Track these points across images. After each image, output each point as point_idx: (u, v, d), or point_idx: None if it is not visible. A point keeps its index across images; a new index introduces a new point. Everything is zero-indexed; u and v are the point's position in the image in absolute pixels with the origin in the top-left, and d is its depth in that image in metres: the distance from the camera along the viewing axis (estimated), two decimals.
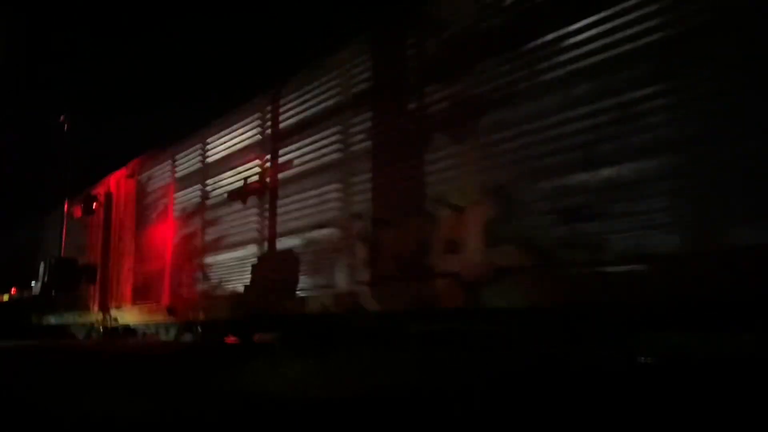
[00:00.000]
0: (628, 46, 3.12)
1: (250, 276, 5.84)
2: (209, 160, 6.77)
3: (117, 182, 9.08)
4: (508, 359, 3.57)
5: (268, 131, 5.83)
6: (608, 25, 3.22)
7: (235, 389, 3.32)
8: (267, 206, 5.76)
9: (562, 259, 3.27)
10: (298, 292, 5.13)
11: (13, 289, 11.92)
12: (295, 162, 5.45)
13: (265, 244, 5.67)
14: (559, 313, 3.46)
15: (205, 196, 6.75)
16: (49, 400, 3.22)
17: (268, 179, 5.76)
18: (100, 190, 9.40)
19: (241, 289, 5.96)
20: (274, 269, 5.53)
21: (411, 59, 4.44)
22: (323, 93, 5.17)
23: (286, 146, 5.56)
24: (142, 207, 8.20)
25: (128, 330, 8.61)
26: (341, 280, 4.71)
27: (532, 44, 3.57)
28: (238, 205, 6.16)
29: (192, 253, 6.83)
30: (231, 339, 6.77)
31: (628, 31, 3.12)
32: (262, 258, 5.72)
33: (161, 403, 2.97)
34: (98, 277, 9.06)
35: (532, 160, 3.49)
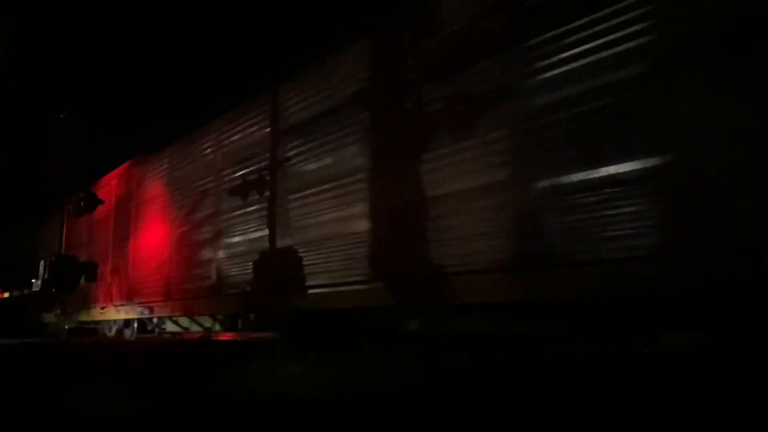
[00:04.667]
0: None
1: (253, 271, 5.85)
2: (210, 157, 6.80)
3: (101, 187, 9.18)
4: (508, 359, 3.57)
5: (266, 130, 5.88)
6: None
7: (235, 389, 3.32)
8: (263, 206, 5.78)
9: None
10: (295, 289, 5.13)
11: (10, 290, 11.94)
12: (285, 162, 5.50)
13: (268, 240, 5.69)
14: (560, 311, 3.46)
15: (209, 191, 6.78)
16: (45, 399, 3.23)
17: (264, 178, 5.80)
18: (101, 187, 9.43)
19: (244, 284, 5.97)
20: (276, 265, 5.54)
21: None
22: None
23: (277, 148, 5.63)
24: (124, 210, 8.31)
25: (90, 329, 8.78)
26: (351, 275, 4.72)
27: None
28: (232, 204, 6.18)
29: (198, 247, 6.85)
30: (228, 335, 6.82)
31: None
32: (264, 254, 5.73)
33: (160, 402, 2.98)
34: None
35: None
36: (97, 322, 8.54)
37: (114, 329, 8.06)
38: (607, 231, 3.08)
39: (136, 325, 7.51)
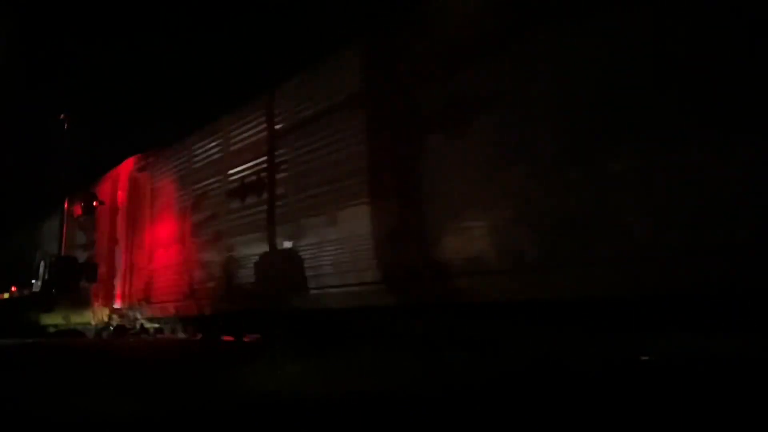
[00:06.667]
0: None
1: (254, 272, 5.84)
2: (212, 157, 6.77)
3: (122, 177, 8.88)
4: (508, 359, 3.57)
5: (265, 131, 5.87)
6: None
7: (235, 389, 3.32)
8: (267, 204, 5.77)
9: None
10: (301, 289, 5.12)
11: (13, 288, 11.91)
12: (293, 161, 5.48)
13: (269, 240, 5.68)
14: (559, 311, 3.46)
15: (211, 191, 6.74)
16: (47, 400, 3.22)
17: (266, 177, 5.80)
18: (104, 186, 9.30)
19: (246, 284, 5.96)
20: (278, 266, 5.54)
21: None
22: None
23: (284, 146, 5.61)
24: (149, 202, 8.07)
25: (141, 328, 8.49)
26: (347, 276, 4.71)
27: None
28: (239, 202, 6.17)
29: (202, 248, 6.81)
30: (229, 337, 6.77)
31: None
32: (266, 254, 5.72)
33: (161, 403, 2.98)
34: (105, 275, 8.87)
35: None
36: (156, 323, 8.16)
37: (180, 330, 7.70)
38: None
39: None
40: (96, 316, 9.16)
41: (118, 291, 8.57)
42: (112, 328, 8.87)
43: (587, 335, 3.36)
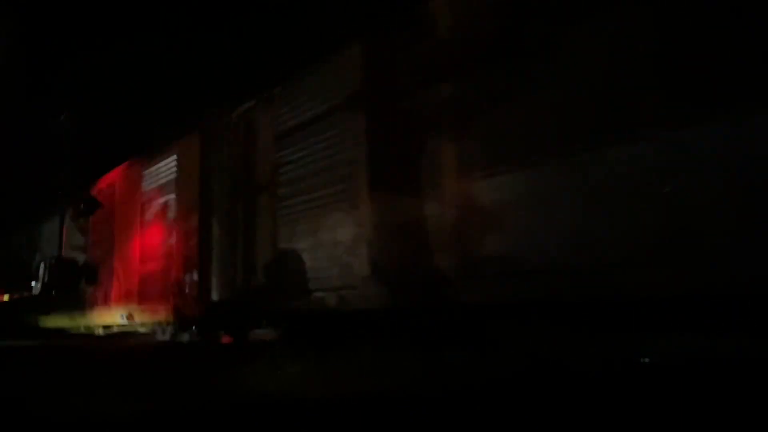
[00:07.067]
0: None
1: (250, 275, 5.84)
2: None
3: (117, 180, 8.87)
4: (508, 359, 3.57)
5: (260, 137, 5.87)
6: None
7: (235, 389, 3.32)
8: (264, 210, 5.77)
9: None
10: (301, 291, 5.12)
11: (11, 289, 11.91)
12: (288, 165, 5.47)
13: (261, 246, 5.68)
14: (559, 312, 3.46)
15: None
16: (48, 400, 3.23)
17: (261, 183, 5.80)
18: (99, 188, 9.29)
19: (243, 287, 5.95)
20: (276, 268, 5.53)
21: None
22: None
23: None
24: (141, 206, 7.98)
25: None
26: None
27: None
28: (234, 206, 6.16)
29: (189, 253, 6.79)
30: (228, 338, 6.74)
31: None
32: (263, 257, 5.72)
33: (161, 403, 2.98)
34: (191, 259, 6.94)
35: None
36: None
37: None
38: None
39: None
40: (178, 313, 7.12)
41: (213, 279, 6.52)
42: (194, 328, 7.11)
43: (587, 335, 3.36)
